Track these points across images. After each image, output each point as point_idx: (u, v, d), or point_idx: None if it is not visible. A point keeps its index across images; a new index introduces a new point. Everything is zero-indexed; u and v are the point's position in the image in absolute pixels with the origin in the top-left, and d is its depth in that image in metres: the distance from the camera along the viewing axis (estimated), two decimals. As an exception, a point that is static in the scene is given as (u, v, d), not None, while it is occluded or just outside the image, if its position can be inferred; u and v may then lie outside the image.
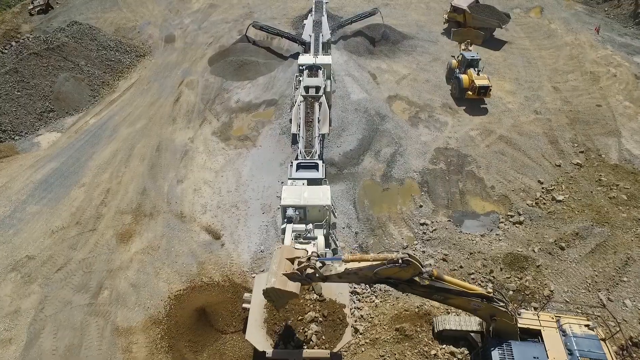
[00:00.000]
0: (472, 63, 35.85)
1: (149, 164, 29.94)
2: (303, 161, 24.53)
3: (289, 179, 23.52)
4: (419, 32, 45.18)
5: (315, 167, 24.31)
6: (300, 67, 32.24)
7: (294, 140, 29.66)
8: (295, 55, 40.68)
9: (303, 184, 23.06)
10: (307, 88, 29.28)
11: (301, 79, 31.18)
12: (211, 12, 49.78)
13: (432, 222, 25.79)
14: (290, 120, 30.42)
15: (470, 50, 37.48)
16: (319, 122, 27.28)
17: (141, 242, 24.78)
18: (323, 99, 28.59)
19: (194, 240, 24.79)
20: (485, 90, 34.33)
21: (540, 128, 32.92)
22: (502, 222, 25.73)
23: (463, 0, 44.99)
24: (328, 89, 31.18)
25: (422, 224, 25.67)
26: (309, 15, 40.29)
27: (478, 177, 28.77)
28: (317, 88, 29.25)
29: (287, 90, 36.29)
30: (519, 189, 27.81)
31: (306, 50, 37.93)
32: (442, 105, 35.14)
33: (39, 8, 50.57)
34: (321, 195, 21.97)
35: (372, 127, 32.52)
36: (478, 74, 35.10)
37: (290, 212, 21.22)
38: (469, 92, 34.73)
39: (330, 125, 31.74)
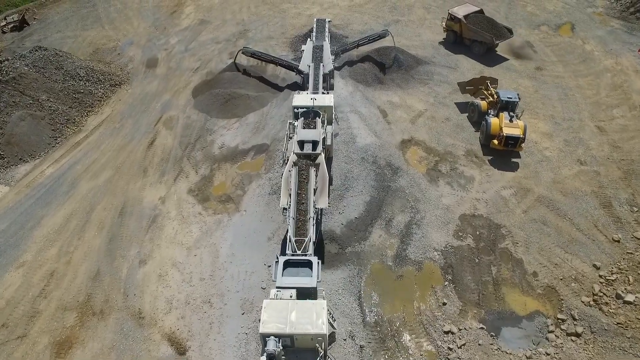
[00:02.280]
0: (508, 105, 28.92)
1: (108, 234, 23.63)
2: (292, 258, 18.03)
3: (276, 287, 17.08)
4: (435, 55, 38.27)
5: (308, 265, 17.83)
6: (295, 110, 25.71)
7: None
8: (293, 86, 34.07)
9: (291, 295, 16.66)
10: (301, 144, 22.76)
11: (295, 124, 24.70)
12: (201, 30, 43.14)
13: (460, 329, 19.28)
14: (281, 182, 23.89)
15: (493, 94, 30.32)
16: (315, 193, 20.76)
17: (83, 356, 18.54)
18: (321, 160, 22.03)
19: (151, 356, 18.50)
20: (514, 142, 27.37)
21: (588, 185, 26.15)
22: (551, 332, 19.15)
23: (462, 9, 38.85)
24: (329, 141, 24.59)
25: (446, 332, 19.18)
26: (309, 39, 33.51)
27: (515, 259, 22.15)
28: (315, 144, 22.71)
29: (280, 131, 29.74)
30: (569, 277, 21.18)
31: (304, 83, 31.34)
32: (466, 152, 28.39)
33: (12, 25, 44.27)
34: (314, 318, 15.60)
35: (382, 185, 25.92)
36: (511, 120, 28.22)
37: (271, 345, 14.88)
38: (495, 141, 27.92)
39: (330, 184, 25.23)
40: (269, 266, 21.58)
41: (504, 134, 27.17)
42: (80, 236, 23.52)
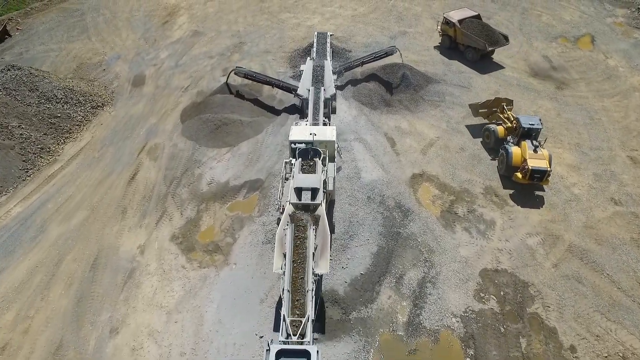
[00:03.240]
0: (530, 133, 25.45)
1: (76, 293, 20.19)
2: (287, 347, 14.56)
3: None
4: (446, 72, 34.60)
5: (305, 355, 14.37)
6: (293, 146, 22.20)
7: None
8: (291, 109, 30.49)
9: (283, 402, 13.24)
10: (299, 191, 19.25)
11: (293, 162, 21.22)
12: (194, 43, 39.51)
13: None
14: (275, 228, 20.40)
15: (512, 118, 26.97)
16: (314, 256, 17.26)
17: None
18: (322, 212, 18.53)
19: None
20: (541, 176, 23.96)
21: (626, 230, 22.63)
22: None
23: (457, 13, 36.41)
24: (330, 186, 21.04)
25: None
26: (308, 58, 29.83)
27: (548, 327, 18.66)
28: (314, 192, 19.21)
29: (277, 164, 26.22)
30: (615, 355, 17.70)
31: (303, 108, 27.79)
32: (485, 190, 24.83)
33: (-9, 36, 40.76)
34: None
35: (391, 231, 22.41)
36: (535, 150, 24.71)
37: None
38: (518, 175, 24.44)
39: (332, 232, 21.76)
40: (261, 337, 18.18)
41: (530, 167, 23.71)
42: (44, 296, 20.09)
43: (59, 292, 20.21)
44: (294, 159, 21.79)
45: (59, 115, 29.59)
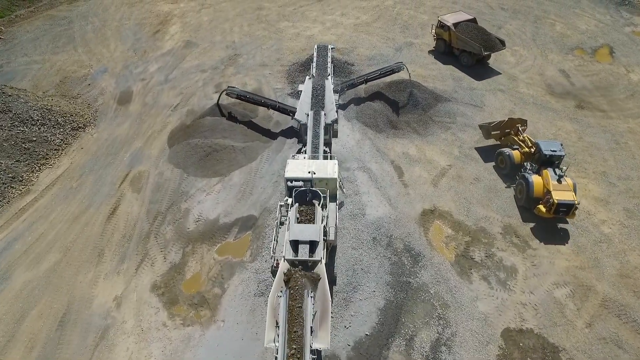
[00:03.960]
0: (552, 160, 22.63)
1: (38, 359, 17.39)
2: None
3: None
4: (456, 89, 31.64)
5: None
6: (289, 184, 19.37)
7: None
8: (288, 132, 27.60)
9: None
10: (295, 245, 16.43)
11: (289, 202, 18.45)
12: (185, 55, 36.56)
13: None
14: (270, 277, 17.56)
15: (529, 143, 24.32)
16: (312, 331, 14.42)
17: None
18: (322, 272, 15.68)
19: None
20: (567, 210, 21.22)
21: (665, 279, 19.77)
22: None
23: (452, 16, 34.84)
24: (331, 236, 18.16)
25: None
26: (307, 77, 26.82)
27: (585, 405, 15.84)
28: (313, 245, 16.37)
29: (272, 197, 23.36)
30: None
31: (302, 133, 24.89)
32: (504, 229, 21.93)
33: (-30, 47, 37.84)
34: None
35: (399, 280, 19.55)
36: (560, 180, 21.90)
37: None
38: (542, 208, 21.65)
39: (334, 284, 18.93)
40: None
41: (555, 201, 20.91)
42: (2, 362, 17.30)
43: (17, 359, 17.38)
44: (290, 198, 19.05)
45: (35, 139, 26.71)
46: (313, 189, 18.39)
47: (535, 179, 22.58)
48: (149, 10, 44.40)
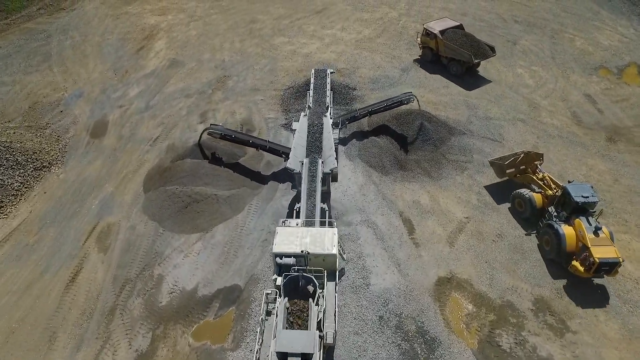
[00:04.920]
0: (586, 207, 18.86)
1: None
2: None
3: None
4: (471, 118, 27.64)
5: None
6: (278, 261, 15.54)
7: None
8: (281, 174, 23.66)
9: None
10: (283, 357, 12.59)
11: (278, 282, 14.64)
12: (170, 76, 32.55)
13: None
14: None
15: (542, 176, 20.95)
16: None
17: None
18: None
19: None
20: (610, 269, 17.61)
21: None
22: None
23: (438, 24, 32.34)
24: (330, 339, 14.24)
25: None
26: (302, 114, 22.68)
27: None
28: (306, 357, 12.53)
29: (260, 261, 19.48)
30: None
31: (296, 183, 20.95)
32: (535, 304, 18.01)
33: None
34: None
35: (413, 380, 15.73)
36: (597, 233, 18.22)
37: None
38: (579, 267, 18.03)
39: (333, 391, 15.06)
40: None
41: (597, 260, 17.29)
42: None
43: None
44: (279, 277, 15.26)
45: (-11, 184, 22.86)
46: (306, 275, 14.51)
47: (567, 231, 18.93)
48: (134, 23, 40.38)
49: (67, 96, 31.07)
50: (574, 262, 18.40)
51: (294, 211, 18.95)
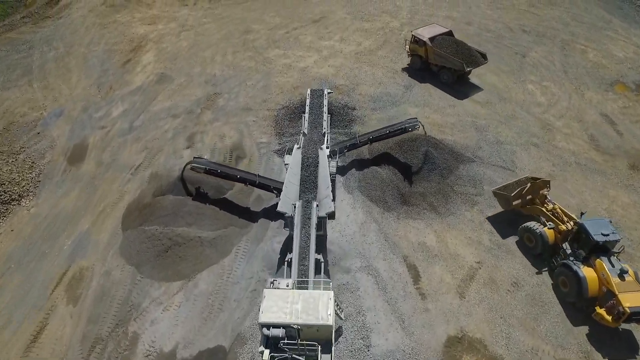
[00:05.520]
0: (606, 246, 16.78)
1: None
2: None
3: None
4: (480, 143, 25.17)
5: None
6: (265, 332, 13.18)
7: None
8: (272, 212, 21.15)
9: None
10: None
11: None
12: (157, 92, 30.07)
13: None
14: None
15: (552, 207, 18.98)
16: None
17: None
18: None
19: None
20: None
21: None
22: None
23: (427, 30, 30.31)
24: None
25: None
26: (295, 146, 20.16)
27: None
28: None
29: (248, 315, 17.11)
30: None
31: (288, 227, 18.52)
32: (560, 371, 15.71)
33: None
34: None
35: None
36: (622, 276, 16.25)
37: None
38: (605, 316, 16.00)
39: None
40: None
41: (627, 310, 15.25)
42: None
43: None
44: (265, 350, 12.92)
45: (-49, 222, 20.44)
46: (296, 357, 12.14)
47: (588, 273, 16.88)
48: (122, 33, 37.84)
49: (46, 115, 28.61)
50: (599, 311, 16.26)
51: (285, 262, 16.56)
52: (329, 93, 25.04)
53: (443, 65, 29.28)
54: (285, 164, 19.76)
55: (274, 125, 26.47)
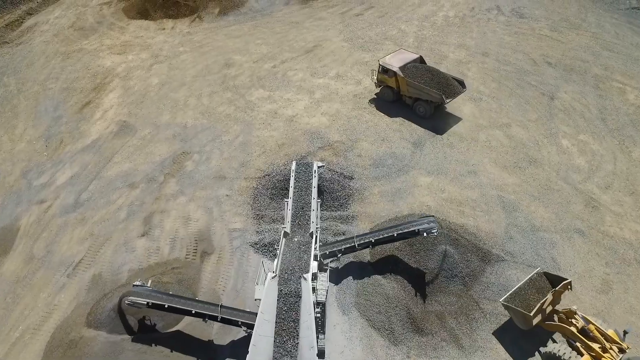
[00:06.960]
0: None
1: None
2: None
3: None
4: (510, 229, 19.30)
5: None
6: None
7: None
8: (242, 347, 15.37)
9: None
10: None
11: None
12: (115, 150, 24.20)
13: None
14: None
15: (581, 326, 14.27)
16: None
17: None
18: None
19: None
20: None
21: None
22: None
23: (396, 58, 25.87)
24: None
25: None
26: (270, 275, 14.13)
27: None
28: None
29: None
30: None
31: None
32: None
33: None
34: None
35: None
36: None
37: None
38: None
39: None
40: None
41: None
42: None
43: None
44: None
45: None
46: None
47: None
48: (86, 66, 31.84)
49: (-24, 182, 22.81)
50: None
51: None
52: (319, 167, 19.18)
53: (418, 97, 24.66)
54: (255, 299, 13.93)
55: (251, 203, 20.61)
